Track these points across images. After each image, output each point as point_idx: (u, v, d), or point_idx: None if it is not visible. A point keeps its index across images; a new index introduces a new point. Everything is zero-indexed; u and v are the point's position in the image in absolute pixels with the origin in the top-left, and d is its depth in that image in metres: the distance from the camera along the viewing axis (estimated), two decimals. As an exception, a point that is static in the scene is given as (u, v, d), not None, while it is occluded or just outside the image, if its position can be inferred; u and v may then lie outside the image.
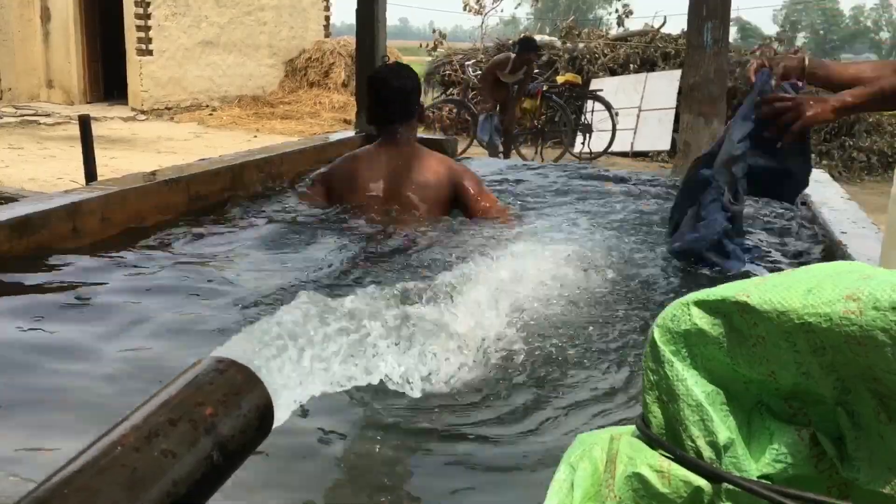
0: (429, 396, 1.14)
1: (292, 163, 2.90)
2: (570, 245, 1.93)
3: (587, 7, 46.57)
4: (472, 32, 15.20)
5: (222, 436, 0.59)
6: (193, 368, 0.64)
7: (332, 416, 1.12)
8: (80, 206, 1.95)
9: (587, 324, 1.50)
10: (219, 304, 1.61)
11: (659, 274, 1.86)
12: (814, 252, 2.07)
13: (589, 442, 0.61)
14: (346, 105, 12.58)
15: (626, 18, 14.05)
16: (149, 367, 1.30)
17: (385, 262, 1.94)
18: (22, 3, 12.22)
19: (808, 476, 0.54)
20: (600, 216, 2.46)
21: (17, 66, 12.31)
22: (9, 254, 1.73)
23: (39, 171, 7.08)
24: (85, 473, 0.52)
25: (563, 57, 11.52)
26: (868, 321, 0.48)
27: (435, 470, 1.05)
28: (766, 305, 0.53)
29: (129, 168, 6.13)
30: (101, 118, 11.02)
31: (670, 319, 0.58)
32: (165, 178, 2.31)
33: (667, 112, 10.07)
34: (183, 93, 12.64)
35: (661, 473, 0.54)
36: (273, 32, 13.94)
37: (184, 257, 1.93)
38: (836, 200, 2.48)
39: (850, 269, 0.54)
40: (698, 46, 6.39)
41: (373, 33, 3.43)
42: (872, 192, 8.06)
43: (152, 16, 11.91)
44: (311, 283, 1.74)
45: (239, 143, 9.01)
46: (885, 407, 0.50)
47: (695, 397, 0.55)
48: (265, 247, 2.06)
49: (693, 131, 6.47)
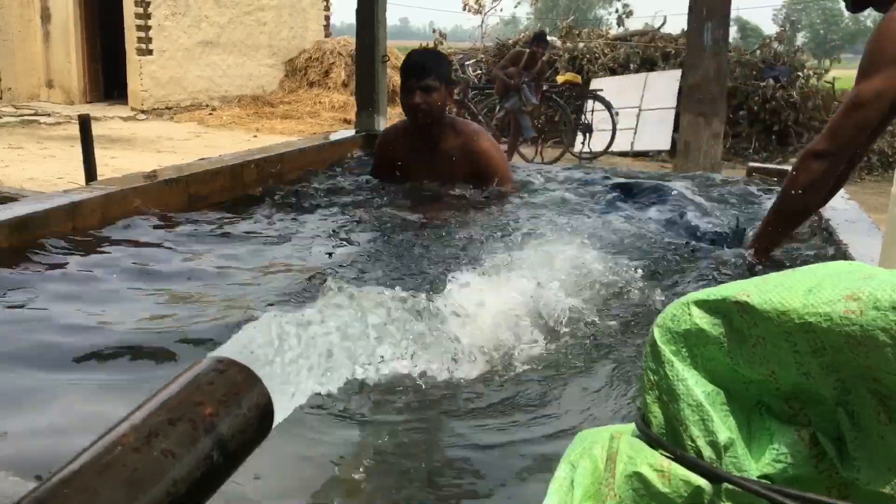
0: (428, 394, 1.14)
1: (292, 163, 2.90)
2: (570, 245, 1.93)
3: (587, 7, 46.53)
4: (472, 32, 15.19)
5: (222, 435, 0.59)
6: (193, 368, 0.64)
7: (333, 416, 1.12)
8: (80, 206, 1.95)
9: (587, 323, 1.50)
10: (225, 297, 1.61)
11: (659, 273, 1.86)
12: (814, 252, 2.06)
13: (589, 440, 0.61)
14: (346, 105, 12.57)
15: (626, 18, 14.04)
16: (150, 366, 1.30)
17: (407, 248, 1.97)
18: (22, 3, 12.22)
19: (808, 476, 0.54)
20: (599, 216, 2.46)
21: (17, 66, 12.30)
22: (9, 253, 1.73)
23: (39, 171, 7.07)
24: (85, 473, 0.52)
25: (563, 57, 11.52)
26: (868, 321, 0.48)
27: (434, 469, 1.05)
28: (766, 305, 0.53)
29: (129, 168, 6.13)
30: (101, 118, 11.02)
31: (670, 319, 0.58)
32: (165, 177, 2.31)
33: (667, 112, 10.07)
34: (183, 93, 12.64)
35: (662, 473, 0.54)
36: (273, 32, 13.93)
37: (185, 255, 1.93)
38: (837, 200, 2.47)
39: (850, 269, 0.54)
40: (698, 46, 6.38)
41: (373, 33, 3.43)
42: (872, 191, 8.06)
43: (152, 16, 11.91)
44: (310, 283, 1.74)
45: (239, 143, 9.01)
46: (885, 407, 0.50)
47: (695, 397, 0.55)
48: (271, 242, 2.07)
49: (693, 131, 6.47)
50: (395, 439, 1.08)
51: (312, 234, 2.19)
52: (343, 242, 2.10)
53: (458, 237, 2.12)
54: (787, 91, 10.32)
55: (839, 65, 14.73)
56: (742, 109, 10.33)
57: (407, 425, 1.11)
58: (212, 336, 1.37)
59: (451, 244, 2.04)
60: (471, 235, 2.12)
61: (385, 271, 1.85)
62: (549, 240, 1.94)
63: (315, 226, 2.28)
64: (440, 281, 1.60)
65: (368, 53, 3.46)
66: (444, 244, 2.04)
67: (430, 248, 2.00)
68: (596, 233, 2.15)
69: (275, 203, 2.52)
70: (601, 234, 2.14)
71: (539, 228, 2.19)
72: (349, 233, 2.21)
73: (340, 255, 1.97)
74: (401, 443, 1.08)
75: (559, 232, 2.11)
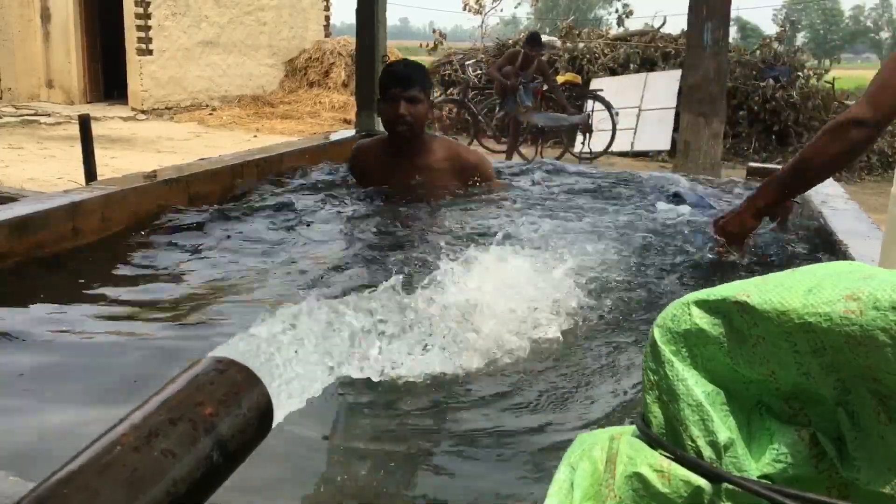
0: (428, 395, 1.14)
1: (292, 163, 2.90)
2: (569, 245, 1.93)
3: (587, 7, 46.54)
4: (472, 32, 15.18)
5: (222, 435, 0.59)
6: (193, 368, 0.64)
7: (333, 415, 1.12)
8: (80, 206, 1.95)
9: (587, 322, 1.50)
10: (224, 297, 1.61)
11: (659, 273, 1.86)
12: (814, 252, 2.06)
13: (589, 442, 0.61)
14: (346, 105, 12.58)
15: (626, 18, 14.04)
16: (150, 366, 1.30)
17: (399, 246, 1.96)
18: (22, 3, 12.22)
19: (808, 476, 0.54)
20: (598, 216, 2.46)
21: (17, 66, 12.31)
22: (9, 253, 1.73)
23: (39, 171, 7.07)
24: (85, 473, 0.52)
25: (563, 57, 11.52)
26: (868, 321, 0.48)
27: (434, 469, 1.05)
28: (766, 305, 0.53)
29: (129, 168, 6.13)
30: (101, 118, 11.02)
31: (670, 319, 0.58)
32: (165, 177, 2.31)
33: (667, 112, 10.07)
34: (183, 93, 12.64)
35: (661, 473, 0.54)
36: (273, 32, 13.93)
37: (185, 253, 1.93)
38: (837, 200, 2.48)
39: (850, 269, 0.54)
40: (698, 46, 6.38)
41: (373, 33, 3.43)
42: (872, 192, 8.06)
43: (152, 16, 11.92)
44: (311, 281, 1.74)
45: (239, 143, 9.01)
46: (885, 407, 0.50)
47: (695, 397, 0.55)
48: (270, 241, 2.07)
49: (693, 131, 6.47)
50: (394, 439, 1.08)
51: (309, 234, 2.19)
52: (335, 243, 2.10)
53: (448, 235, 2.11)
54: (787, 91, 10.33)
55: (839, 65, 14.74)
56: (742, 109, 10.33)
57: (406, 425, 1.11)
58: (212, 336, 1.37)
59: (442, 241, 2.03)
60: (463, 232, 2.12)
61: (378, 270, 1.85)
62: (546, 237, 1.94)
63: (315, 226, 2.28)
64: (439, 281, 1.60)
65: (368, 53, 3.46)
66: (435, 242, 2.03)
67: (422, 248, 2.00)
68: (596, 230, 2.15)
69: (265, 204, 2.51)
70: (601, 232, 2.14)
71: (536, 225, 2.18)
72: (341, 233, 2.20)
73: (332, 257, 1.97)
74: (400, 443, 1.08)
75: (556, 230, 2.11)
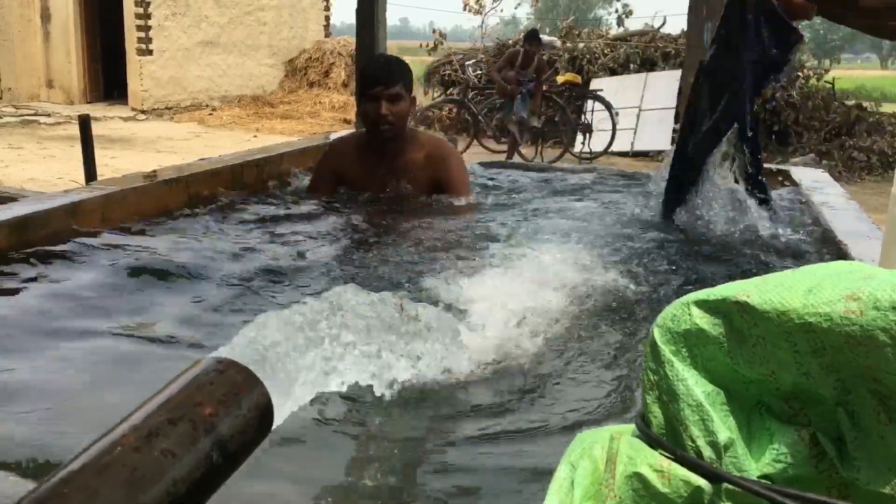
0: (427, 396, 1.14)
1: (292, 163, 2.90)
2: (569, 245, 1.93)
3: (587, 7, 46.52)
4: (472, 32, 15.19)
5: (222, 436, 0.59)
6: (193, 368, 0.64)
7: (333, 416, 1.12)
8: (80, 206, 1.95)
9: (587, 323, 1.50)
10: (221, 299, 1.61)
11: (659, 274, 1.86)
12: (814, 252, 2.06)
13: (589, 440, 0.61)
14: (346, 105, 12.59)
15: (626, 18, 14.06)
16: (150, 365, 1.30)
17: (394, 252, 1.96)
18: (22, 3, 12.23)
19: (808, 476, 0.54)
20: (597, 216, 2.46)
21: (17, 66, 12.31)
22: (9, 253, 1.73)
23: (39, 171, 7.08)
24: (85, 473, 0.52)
25: (563, 57, 11.52)
26: (868, 321, 0.48)
27: (433, 469, 1.05)
28: (766, 305, 0.53)
29: (128, 168, 6.13)
30: (101, 118, 11.02)
31: (670, 319, 0.58)
32: (165, 177, 2.31)
33: (667, 112, 10.06)
34: (183, 93, 12.64)
35: (661, 473, 0.54)
36: (273, 32, 13.94)
37: (185, 253, 1.93)
38: (837, 200, 2.48)
39: (851, 269, 0.54)
40: (698, 46, 6.36)
41: (373, 33, 3.43)
42: (872, 192, 8.05)
43: (152, 16, 11.92)
44: (312, 280, 1.74)
45: (239, 143, 9.01)
46: (885, 407, 0.50)
47: (695, 397, 0.55)
48: (271, 241, 2.07)
49: (693, 131, 6.46)
50: (393, 440, 1.08)
51: (308, 238, 2.19)
52: (330, 248, 2.10)
53: (438, 241, 2.10)
54: (787, 91, 10.32)
55: (839, 65, 14.75)
56: (742, 109, 10.31)
57: (406, 426, 1.11)
58: (212, 336, 1.37)
59: (432, 247, 2.03)
60: (452, 238, 2.11)
61: (373, 275, 1.85)
62: (541, 240, 1.94)
63: (313, 226, 2.28)
64: (437, 283, 1.60)
65: (368, 53, 3.46)
66: (424, 248, 2.02)
67: (411, 253, 2.00)
68: (591, 232, 2.15)
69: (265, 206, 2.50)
70: (597, 233, 2.14)
71: (528, 229, 2.19)
72: (337, 237, 2.20)
73: (325, 261, 1.96)
74: (399, 443, 1.08)
75: (553, 233, 2.11)
